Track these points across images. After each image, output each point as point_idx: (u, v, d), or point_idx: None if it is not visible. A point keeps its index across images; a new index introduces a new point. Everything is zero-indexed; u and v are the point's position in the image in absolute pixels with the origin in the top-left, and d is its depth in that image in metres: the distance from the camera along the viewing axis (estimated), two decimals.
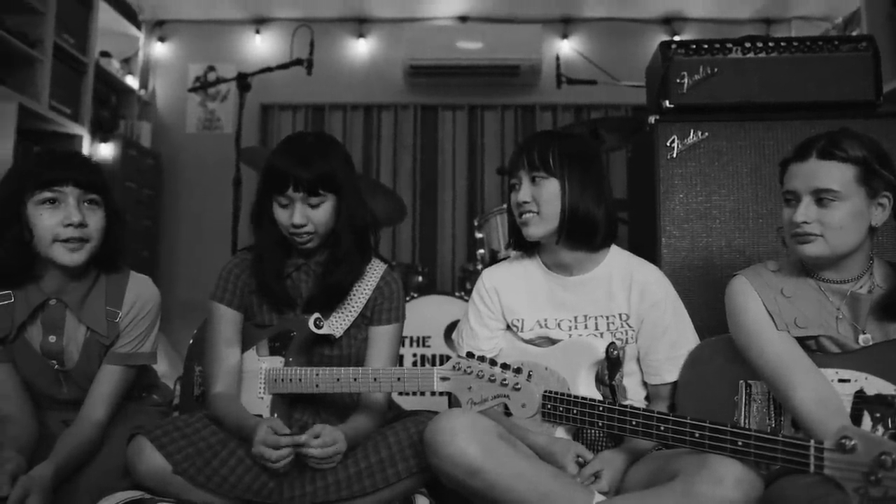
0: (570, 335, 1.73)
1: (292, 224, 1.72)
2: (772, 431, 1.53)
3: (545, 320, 1.77)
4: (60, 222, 1.62)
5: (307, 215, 1.72)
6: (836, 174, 1.47)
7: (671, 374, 1.71)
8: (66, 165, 1.66)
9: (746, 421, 1.61)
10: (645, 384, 1.77)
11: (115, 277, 1.78)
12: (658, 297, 1.73)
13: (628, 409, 1.45)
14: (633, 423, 1.43)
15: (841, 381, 1.49)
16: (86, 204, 1.66)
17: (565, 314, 1.76)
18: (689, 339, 1.74)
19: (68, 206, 1.63)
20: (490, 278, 1.86)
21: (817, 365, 1.49)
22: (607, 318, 1.74)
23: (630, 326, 1.73)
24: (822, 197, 1.47)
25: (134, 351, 1.76)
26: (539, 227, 1.71)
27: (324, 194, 1.72)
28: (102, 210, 1.70)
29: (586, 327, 1.74)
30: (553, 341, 1.75)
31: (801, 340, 1.54)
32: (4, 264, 1.64)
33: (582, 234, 1.71)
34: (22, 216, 1.62)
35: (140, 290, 1.79)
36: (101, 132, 4.54)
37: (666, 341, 1.71)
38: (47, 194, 1.62)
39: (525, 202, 1.71)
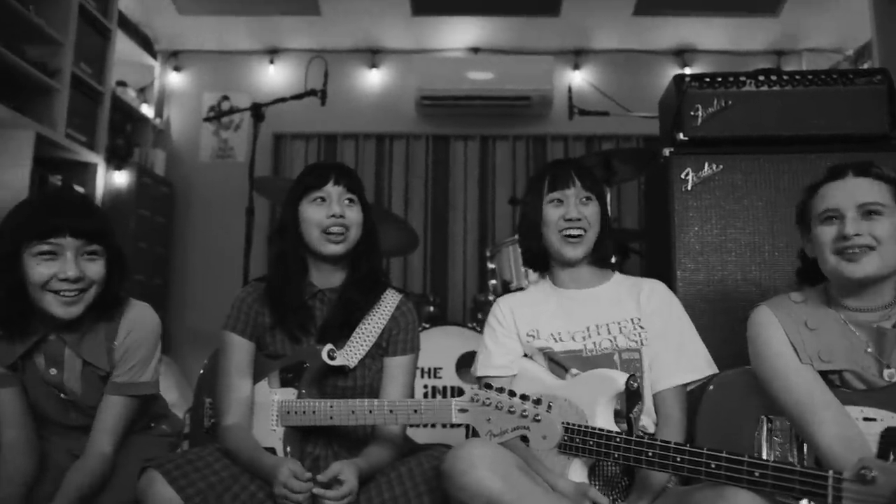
0: (585, 345, 1.75)
1: (330, 215, 1.76)
2: None
3: (559, 333, 1.79)
4: (55, 275, 1.58)
5: (344, 210, 1.78)
6: (878, 190, 1.48)
7: (678, 377, 1.70)
8: (64, 214, 1.60)
9: (768, 458, 1.56)
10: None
11: (113, 310, 1.74)
12: (664, 299, 1.81)
13: (645, 441, 1.42)
14: (650, 454, 1.40)
15: (866, 419, 1.44)
16: (85, 255, 1.62)
17: (577, 325, 1.79)
18: (696, 343, 1.77)
19: (65, 260, 1.58)
20: (505, 301, 1.94)
21: (841, 402, 1.45)
22: (619, 323, 1.77)
23: (642, 328, 1.76)
24: (869, 209, 1.47)
25: (132, 380, 1.73)
26: (584, 246, 1.81)
27: (355, 199, 1.82)
28: (104, 258, 1.66)
29: (599, 334, 1.76)
30: (569, 353, 1.76)
31: (825, 375, 1.50)
32: (6, 315, 1.62)
33: (607, 251, 1.87)
34: (20, 265, 1.58)
35: (136, 317, 1.76)
36: (116, 160, 4.58)
37: (672, 343, 1.74)
38: (44, 247, 1.57)
39: (578, 219, 1.79)
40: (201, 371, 2.16)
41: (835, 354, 1.50)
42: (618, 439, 1.46)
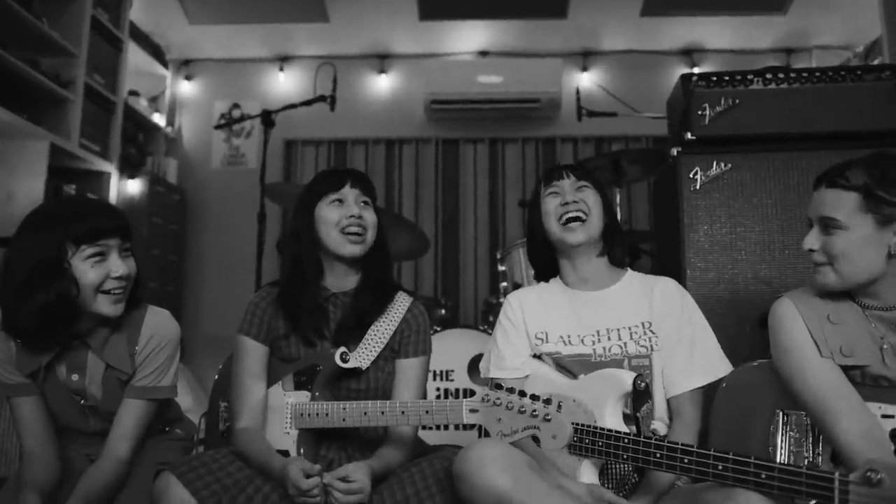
0: (595, 349, 1.75)
1: (350, 215, 1.79)
2: (808, 466, 1.49)
3: (568, 336, 1.80)
4: (107, 275, 1.63)
5: (361, 212, 1.82)
6: (838, 203, 1.46)
7: (693, 380, 1.70)
8: (108, 216, 1.67)
9: (781, 454, 1.55)
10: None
11: (134, 314, 1.77)
12: (676, 299, 1.79)
13: (652, 442, 1.42)
14: (657, 455, 1.40)
15: (885, 416, 1.42)
16: (123, 253, 1.68)
17: (587, 329, 1.79)
18: (710, 343, 1.76)
19: (113, 260, 1.64)
20: (515, 296, 1.94)
21: (862, 398, 1.43)
22: (630, 328, 1.77)
23: (654, 333, 1.75)
24: (826, 224, 1.47)
25: (153, 384, 1.76)
26: (585, 231, 1.81)
27: (370, 202, 1.87)
28: (132, 255, 1.72)
29: (609, 339, 1.76)
30: (578, 357, 1.76)
31: (846, 370, 1.47)
32: (50, 323, 1.60)
33: (617, 241, 1.87)
34: (66, 271, 1.59)
35: (157, 323, 1.78)
36: (129, 169, 4.63)
37: (686, 345, 1.73)
38: (95, 249, 1.62)
39: (575, 201, 1.82)
40: (216, 376, 2.18)
41: (856, 349, 1.47)
42: (626, 440, 1.45)
